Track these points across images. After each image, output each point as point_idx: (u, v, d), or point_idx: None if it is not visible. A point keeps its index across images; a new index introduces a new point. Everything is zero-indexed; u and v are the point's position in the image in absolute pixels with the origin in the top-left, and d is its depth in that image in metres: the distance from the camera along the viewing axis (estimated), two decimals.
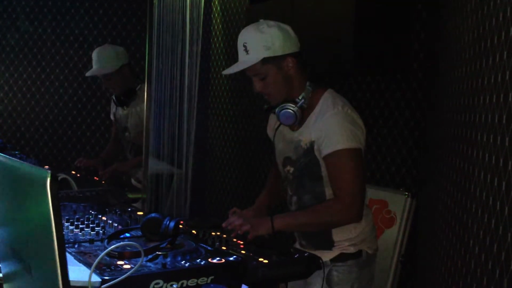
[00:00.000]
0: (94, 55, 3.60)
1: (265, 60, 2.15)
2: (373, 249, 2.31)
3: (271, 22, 2.20)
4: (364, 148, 2.20)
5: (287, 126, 2.27)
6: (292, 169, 2.29)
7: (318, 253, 2.07)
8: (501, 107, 1.59)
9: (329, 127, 2.13)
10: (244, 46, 2.18)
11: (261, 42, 2.15)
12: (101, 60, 3.56)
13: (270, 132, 2.45)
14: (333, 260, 2.24)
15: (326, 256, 2.21)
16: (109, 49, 3.64)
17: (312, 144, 2.18)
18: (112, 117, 3.91)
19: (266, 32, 2.16)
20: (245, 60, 2.18)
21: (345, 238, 2.24)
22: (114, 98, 3.72)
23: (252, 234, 2.04)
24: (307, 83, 2.23)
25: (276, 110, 2.21)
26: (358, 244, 2.26)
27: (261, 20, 2.22)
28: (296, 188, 2.30)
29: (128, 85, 3.61)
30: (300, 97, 2.20)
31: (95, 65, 3.60)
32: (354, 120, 2.17)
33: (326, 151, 2.14)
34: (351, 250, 2.25)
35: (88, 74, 3.72)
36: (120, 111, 3.74)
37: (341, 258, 2.25)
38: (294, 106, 2.19)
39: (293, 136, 2.26)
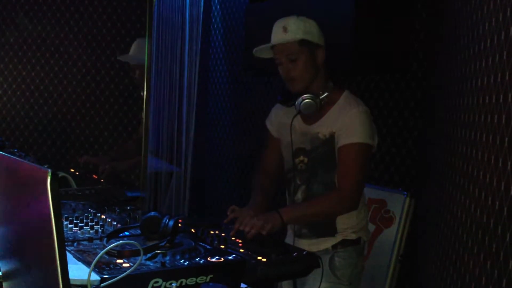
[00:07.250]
0: (136, 44, 3.71)
1: (302, 42, 2.25)
2: (368, 237, 2.44)
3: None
4: (375, 148, 2.33)
5: (299, 120, 2.37)
6: (305, 159, 2.37)
7: (321, 240, 2.33)
8: (501, 107, 1.59)
9: (354, 122, 2.24)
10: (284, 27, 2.26)
11: (301, 26, 2.26)
12: (140, 51, 3.60)
13: (270, 126, 2.54)
14: (334, 246, 2.34)
15: (329, 242, 2.33)
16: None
17: (332, 135, 2.28)
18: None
19: (306, 21, 2.29)
20: (284, 37, 2.25)
21: (347, 225, 2.35)
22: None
23: (265, 229, 2.05)
24: (329, 81, 2.35)
25: (298, 99, 2.28)
26: (358, 231, 2.37)
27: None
28: (307, 177, 2.38)
29: None
30: (321, 92, 2.29)
31: (132, 53, 3.69)
32: (372, 121, 2.31)
33: (343, 141, 2.24)
34: (352, 236, 2.36)
35: (121, 58, 3.84)
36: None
37: (343, 244, 2.35)
38: (316, 97, 2.28)
39: (309, 128, 2.36)
